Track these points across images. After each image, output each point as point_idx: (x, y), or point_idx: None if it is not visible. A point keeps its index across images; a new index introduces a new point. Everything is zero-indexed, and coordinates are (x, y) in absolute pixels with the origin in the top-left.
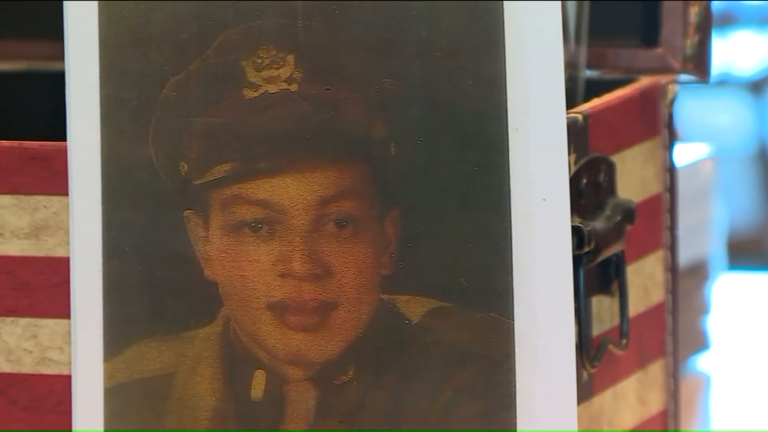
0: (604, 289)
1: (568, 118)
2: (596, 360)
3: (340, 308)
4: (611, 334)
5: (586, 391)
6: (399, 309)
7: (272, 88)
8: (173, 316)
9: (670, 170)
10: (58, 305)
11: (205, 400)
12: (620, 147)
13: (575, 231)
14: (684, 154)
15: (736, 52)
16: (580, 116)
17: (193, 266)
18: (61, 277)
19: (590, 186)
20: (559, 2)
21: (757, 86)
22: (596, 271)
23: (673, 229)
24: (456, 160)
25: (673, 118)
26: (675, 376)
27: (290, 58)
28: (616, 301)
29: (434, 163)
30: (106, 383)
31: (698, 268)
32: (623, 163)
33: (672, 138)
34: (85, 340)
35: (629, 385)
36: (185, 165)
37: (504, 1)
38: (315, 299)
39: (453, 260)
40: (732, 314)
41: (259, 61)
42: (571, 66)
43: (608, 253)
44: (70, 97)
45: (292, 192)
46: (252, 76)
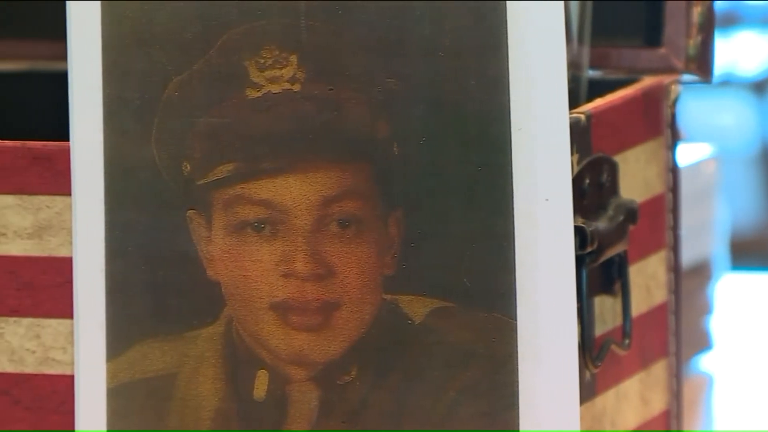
0: (607, 289)
1: (571, 118)
2: (599, 360)
3: (343, 308)
4: (614, 334)
5: (588, 391)
6: (402, 309)
7: (275, 88)
8: (176, 316)
9: (673, 170)
10: (61, 305)
11: (208, 400)
12: (623, 147)
13: (578, 231)
14: (687, 155)
15: (739, 52)
16: (583, 116)
17: (195, 266)
18: (64, 277)
19: (593, 186)
20: (562, 2)
21: (760, 86)
22: (599, 271)
23: (675, 229)
24: (459, 160)
25: (675, 118)
26: (678, 376)
27: (293, 58)
28: (618, 301)
29: (437, 164)
30: (108, 383)
31: (701, 268)
32: (626, 163)
33: (675, 138)
34: (87, 340)
35: (632, 385)
36: (188, 165)
37: (507, 2)
38: (318, 299)
39: (456, 260)
40: (735, 314)
41: (262, 61)
42: (574, 66)
43: (611, 253)
44: (73, 97)
45: (295, 192)
46: (255, 76)
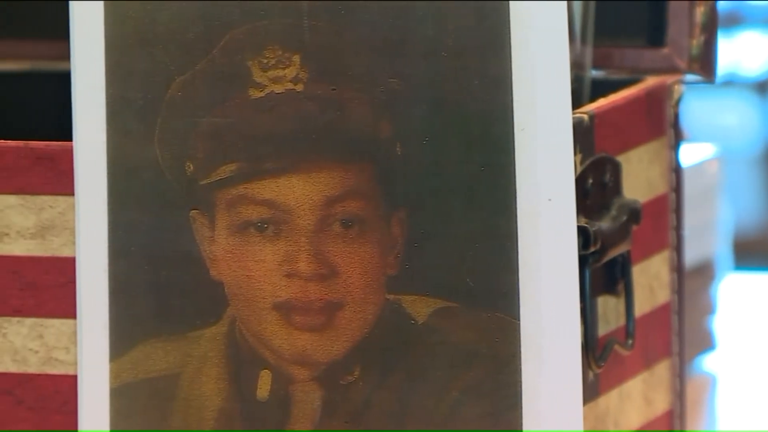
0: (610, 289)
1: (573, 118)
2: (602, 360)
3: (346, 308)
4: (617, 334)
5: (591, 391)
6: (405, 309)
7: (278, 88)
8: (179, 316)
9: (676, 170)
10: (64, 305)
11: (211, 400)
12: (626, 147)
13: (581, 231)
14: (690, 155)
15: (742, 52)
16: (585, 116)
17: (198, 266)
18: (66, 277)
19: (596, 186)
20: (565, 2)
21: (763, 86)
22: (602, 271)
23: (678, 229)
24: (462, 160)
25: (678, 119)
26: (681, 376)
27: (296, 58)
28: (621, 301)
29: (440, 164)
30: (111, 383)
31: (704, 269)
32: (629, 163)
33: (678, 138)
34: (90, 340)
35: (635, 386)
36: (191, 165)
37: (510, 1)
38: (321, 299)
39: (459, 260)
40: (738, 314)
41: (265, 61)
42: (576, 66)
43: (614, 253)
44: (76, 97)
45: (298, 192)
46: (258, 76)
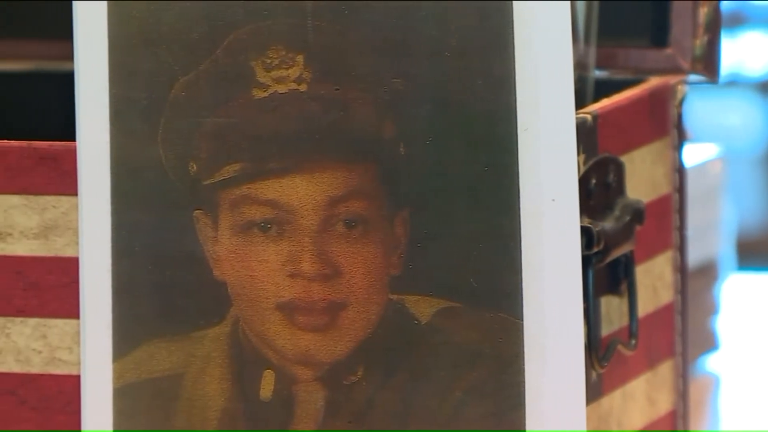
0: (613, 289)
1: (577, 118)
2: (605, 360)
3: (349, 308)
4: (620, 334)
5: (595, 392)
6: (408, 309)
7: (281, 89)
8: (182, 316)
9: (680, 170)
10: (68, 305)
11: (214, 401)
12: (629, 147)
13: (584, 231)
14: (693, 155)
15: (745, 52)
16: (589, 116)
17: (202, 266)
18: (70, 277)
19: (599, 186)
20: (569, 2)
21: (767, 87)
22: (605, 271)
23: (682, 229)
24: (465, 160)
25: (682, 119)
26: (684, 376)
27: (300, 59)
28: (625, 301)
29: (444, 164)
30: (115, 383)
31: (707, 269)
32: (632, 163)
33: (681, 138)
34: (94, 340)
35: (638, 386)
36: (194, 165)
37: (513, 1)
38: (324, 299)
39: (462, 260)
40: (741, 314)
41: (269, 61)
42: (580, 66)
43: (617, 253)
44: (80, 97)
45: (302, 192)
46: (261, 77)
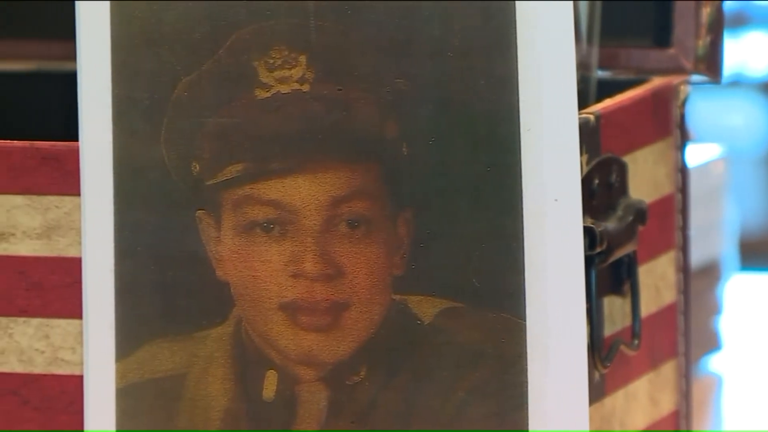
0: (616, 289)
1: (580, 118)
2: (608, 360)
3: (352, 309)
4: (623, 334)
5: (597, 392)
6: (411, 309)
7: (284, 89)
8: (185, 316)
9: (682, 171)
10: (70, 305)
11: (217, 401)
12: (632, 147)
13: (587, 231)
14: (696, 155)
15: (748, 52)
16: (592, 117)
17: (205, 266)
18: (73, 278)
19: (602, 186)
20: (571, 2)
21: None
22: (608, 271)
23: (684, 229)
24: (468, 160)
25: (685, 119)
26: (687, 376)
27: (302, 59)
28: (627, 301)
29: (446, 164)
30: (117, 383)
31: (710, 269)
32: (635, 163)
33: (684, 138)
34: (97, 340)
35: (641, 386)
36: (197, 165)
37: (516, 2)
38: (327, 299)
39: (465, 260)
40: (744, 315)
41: (271, 61)
42: (583, 66)
43: (620, 253)
44: (82, 97)
45: (304, 192)
46: (264, 77)
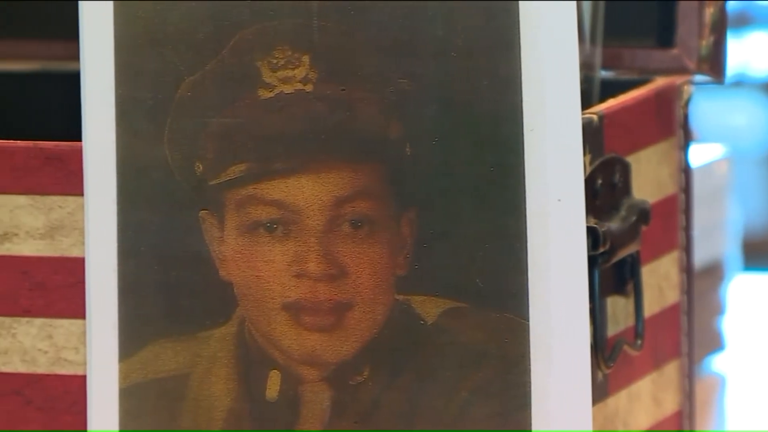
0: (619, 289)
1: (583, 118)
2: (611, 360)
3: (355, 309)
4: (626, 334)
5: (600, 392)
6: (414, 309)
7: (287, 89)
8: (188, 316)
9: (686, 171)
10: (74, 305)
11: (220, 401)
12: (635, 147)
13: (590, 231)
14: (699, 155)
15: (751, 52)
16: (595, 117)
17: (208, 266)
18: (76, 278)
19: (605, 186)
20: (575, 2)
21: None
22: (611, 271)
23: (688, 229)
24: (471, 160)
25: (688, 119)
26: (690, 376)
27: (305, 59)
28: (631, 301)
29: (450, 164)
30: (121, 383)
31: (713, 269)
32: (638, 163)
33: (687, 139)
34: (100, 340)
35: (644, 386)
36: (200, 165)
37: (520, 2)
38: (330, 300)
39: (468, 261)
40: (747, 315)
41: (275, 61)
42: (586, 66)
43: (623, 253)
44: (86, 97)
45: (308, 192)
46: (267, 77)
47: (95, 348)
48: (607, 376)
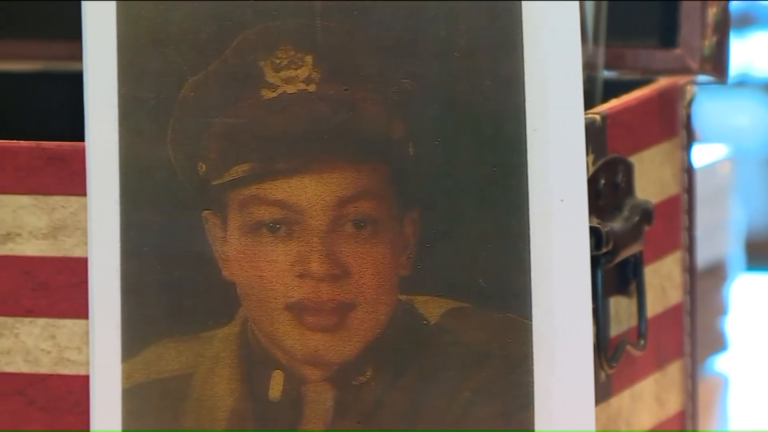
0: (622, 289)
1: (586, 118)
2: (614, 361)
3: (358, 309)
4: (629, 334)
5: (603, 392)
6: (417, 309)
7: (290, 89)
8: (191, 316)
9: (688, 171)
10: (76, 305)
11: (223, 401)
12: (638, 148)
13: (593, 231)
14: (702, 155)
15: (754, 52)
16: (598, 117)
17: (211, 266)
18: (79, 278)
19: (608, 187)
20: (578, 2)
21: None
22: (614, 271)
23: (691, 229)
24: (474, 160)
25: (691, 119)
26: (693, 376)
27: (308, 59)
28: (634, 301)
29: (452, 164)
30: (124, 383)
31: (716, 269)
32: (641, 163)
33: (690, 139)
34: (103, 340)
35: (647, 386)
36: (203, 165)
37: (522, 1)
38: (333, 300)
39: (471, 261)
40: (750, 315)
41: (278, 61)
42: (589, 66)
43: (626, 253)
44: (89, 97)
45: (311, 192)
46: (270, 77)
47: (98, 348)
48: (610, 376)
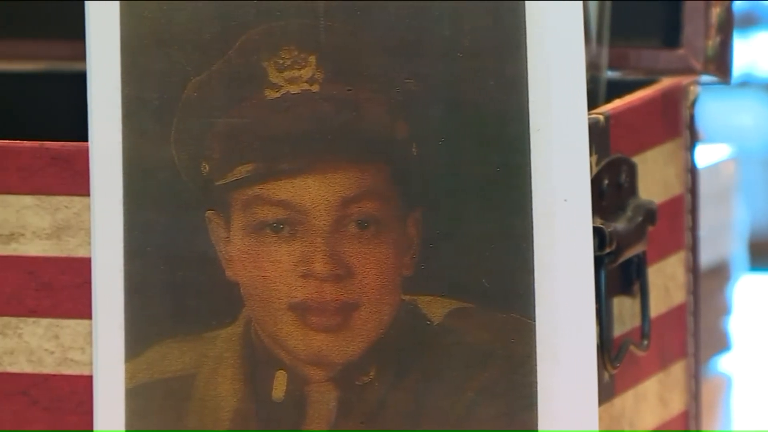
0: (626, 290)
1: (589, 118)
2: (617, 361)
3: (362, 309)
4: (632, 335)
5: (607, 392)
6: (420, 310)
7: (294, 89)
8: (195, 316)
9: (692, 171)
10: (80, 306)
11: (227, 401)
12: (642, 148)
13: (596, 232)
14: (705, 155)
15: (757, 53)
16: (601, 117)
17: (214, 267)
18: (82, 278)
19: (612, 187)
20: (581, 3)
21: None
22: (618, 271)
23: (694, 230)
24: (478, 160)
25: (694, 119)
26: (696, 377)
27: (312, 59)
28: (637, 302)
29: (456, 164)
30: (127, 384)
31: (720, 269)
32: (645, 163)
33: (693, 139)
34: (106, 340)
35: (650, 386)
36: (207, 165)
37: (526, 2)
38: (336, 300)
39: (474, 261)
40: (753, 315)
41: (281, 61)
42: (592, 67)
43: (630, 253)
44: (92, 97)
45: (314, 192)
46: (274, 77)
47: (101, 348)
48: (614, 377)
